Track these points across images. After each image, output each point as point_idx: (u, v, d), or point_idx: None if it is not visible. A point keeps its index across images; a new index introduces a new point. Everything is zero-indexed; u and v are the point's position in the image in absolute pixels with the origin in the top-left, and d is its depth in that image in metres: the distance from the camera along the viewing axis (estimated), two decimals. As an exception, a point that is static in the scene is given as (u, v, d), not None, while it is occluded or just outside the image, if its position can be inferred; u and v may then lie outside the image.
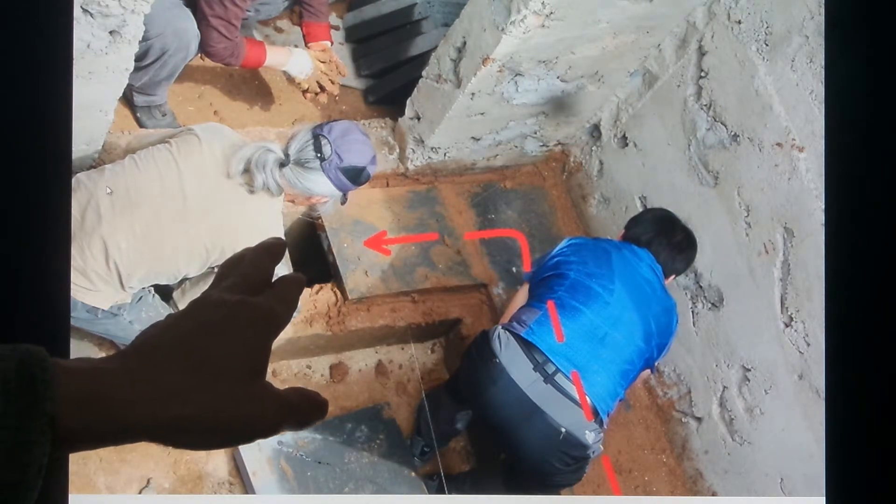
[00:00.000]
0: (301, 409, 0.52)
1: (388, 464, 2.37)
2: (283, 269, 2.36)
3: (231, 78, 2.79)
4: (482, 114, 2.50)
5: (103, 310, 1.93)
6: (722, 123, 2.38)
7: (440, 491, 2.34)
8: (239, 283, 0.54)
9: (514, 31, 2.13)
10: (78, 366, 0.47)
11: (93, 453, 2.16)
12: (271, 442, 2.28)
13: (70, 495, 1.22)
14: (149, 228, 1.89)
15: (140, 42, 1.83)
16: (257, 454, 2.25)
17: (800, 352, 2.25)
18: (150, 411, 0.47)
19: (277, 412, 0.51)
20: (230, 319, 0.51)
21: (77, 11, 1.64)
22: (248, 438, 0.51)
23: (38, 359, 0.45)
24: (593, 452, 2.11)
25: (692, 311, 2.55)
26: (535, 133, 2.74)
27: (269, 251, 0.57)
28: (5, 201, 1.06)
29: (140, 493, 2.17)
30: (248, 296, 0.53)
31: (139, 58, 2.03)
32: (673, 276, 2.28)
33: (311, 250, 2.60)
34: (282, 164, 1.97)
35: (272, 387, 0.51)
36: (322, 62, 2.62)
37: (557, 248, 2.27)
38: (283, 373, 2.47)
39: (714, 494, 2.52)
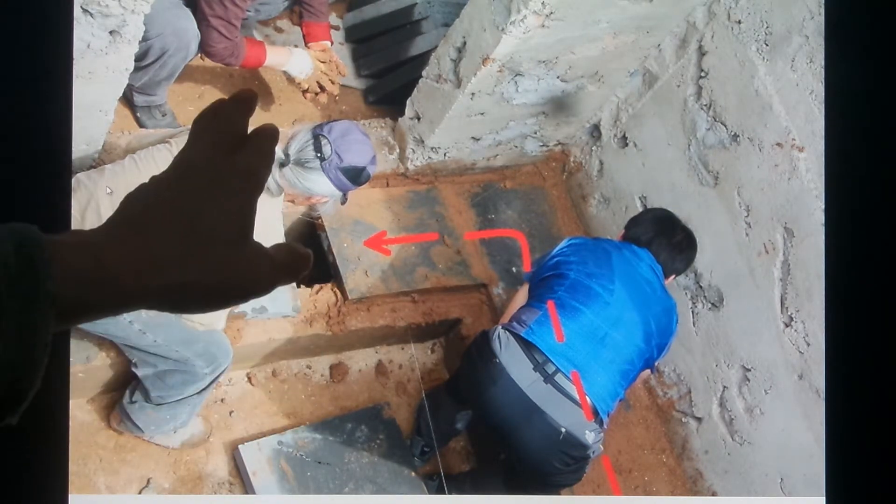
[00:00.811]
0: (290, 263, 0.54)
1: (388, 464, 2.37)
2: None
3: (231, 78, 2.79)
4: (482, 114, 2.50)
5: (103, 310, 1.92)
6: (722, 123, 2.38)
7: (440, 491, 2.34)
8: (216, 140, 0.53)
9: (514, 31, 2.14)
10: (71, 242, 0.48)
11: (93, 453, 2.16)
12: (271, 442, 2.28)
13: (70, 495, 1.22)
14: (149, 228, 1.89)
15: (140, 42, 1.84)
16: (257, 454, 2.25)
17: (800, 352, 2.25)
18: (146, 281, 0.48)
19: (270, 271, 0.52)
20: (216, 184, 0.51)
21: (77, 11, 1.64)
22: (244, 299, 0.52)
23: (35, 239, 0.45)
24: (593, 452, 2.11)
25: (692, 311, 2.55)
26: (535, 133, 2.74)
27: (242, 104, 0.55)
28: (5, 201, 1.06)
29: (140, 493, 2.17)
30: (227, 153, 0.53)
31: (139, 58, 2.03)
32: (673, 276, 2.28)
33: (311, 250, 2.59)
34: (282, 164, 1.97)
35: (261, 246, 0.52)
36: (322, 62, 2.61)
37: (557, 248, 2.27)
38: (283, 373, 2.47)
39: (714, 494, 2.52)
